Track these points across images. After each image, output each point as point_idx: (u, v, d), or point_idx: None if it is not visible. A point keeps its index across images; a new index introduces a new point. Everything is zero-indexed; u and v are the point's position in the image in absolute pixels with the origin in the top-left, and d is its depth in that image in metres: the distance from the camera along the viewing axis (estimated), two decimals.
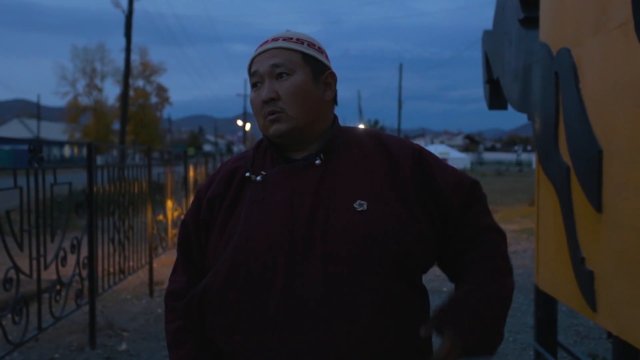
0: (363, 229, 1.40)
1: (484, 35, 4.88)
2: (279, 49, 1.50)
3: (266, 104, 1.48)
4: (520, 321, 5.51)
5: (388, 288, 1.40)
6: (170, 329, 1.54)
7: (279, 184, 1.47)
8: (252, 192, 1.48)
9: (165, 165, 8.09)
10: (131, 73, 29.57)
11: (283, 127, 1.47)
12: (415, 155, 1.53)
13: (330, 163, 1.49)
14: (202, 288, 1.46)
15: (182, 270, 1.58)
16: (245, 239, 1.42)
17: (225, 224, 1.48)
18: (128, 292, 6.82)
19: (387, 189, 1.46)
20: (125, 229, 6.01)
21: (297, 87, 1.48)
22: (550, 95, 3.33)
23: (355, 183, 1.46)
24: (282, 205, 1.43)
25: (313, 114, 1.50)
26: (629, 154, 2.51)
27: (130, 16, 23.63)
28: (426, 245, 1.47)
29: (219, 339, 1.45)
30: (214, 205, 1.52)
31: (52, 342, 4.94)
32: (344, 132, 1.58)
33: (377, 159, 1.51)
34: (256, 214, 1.45)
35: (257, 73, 1.51)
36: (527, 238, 10.60)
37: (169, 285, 1.60)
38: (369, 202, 1.43)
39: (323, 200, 1.43)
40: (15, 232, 3.85)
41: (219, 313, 1.44)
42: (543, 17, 3.54)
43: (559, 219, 3.24)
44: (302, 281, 1.37)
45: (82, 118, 44.63)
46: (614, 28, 2.63)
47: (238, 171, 1.55)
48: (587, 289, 2.89)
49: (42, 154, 4.15)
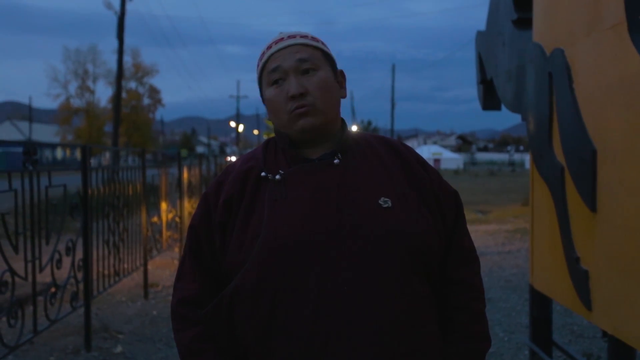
0: (391, 224, 1.43)
1: (477, 36, 4.90)
2: (302, 45, 1.51)
3: (294, 99, 1.46)
4: (515, 321, 5.53)
5: (412, 283, 1.44)
6: (185, 338, 1.48)
7: (300, 182, 1.46)
8: (272, 191, 1.46)
9: (159, 167, 8.07)
10: (123, 75, 29.47)
11: (314, 121, 1.47)
12: (420, 160, 1.59)
13: (349, 162, 1.51)
14: (232, 289, 1.43)
15: (193, 276, 1.53)
16: (273, 237, 1.41)
17: (247, 224, 1.46)
18: (123, 295, 6.80)
19: (407, 188, 1.50)
20: (120, 231, 5.99)
21: (326, 82, 1.50)
22: (544, 96, 3.36)
23: (377, 181, 1.49)
24: (307, 202, 1.43)
25: (335, 110, 1.54)
26: (623, 154, 2.53)
27: (123, 17, 23.56)
28: (441, 244, 1.53)
29: (251, 340, 1.43)
30: (231, 207, 1.49)
31: (47, 345, 4.92)
32: (351, 134, 1.60)
33: (391, 159, 1.55)
34: (281, 211, 1.43)
35: (280, 69, 1.49)
36: (521, 238, 10.64)
37: (177, 293, 1.54)
38: (392, 200, 1.46)
39: (347, 198, 1.44)
40: (10, 235, 3.84)
41: (251, 314, 1.42)
42: (536, 17, 3.57)
43: (554, 219, 3.26)
44: (336, 275, 1.38)
45: (74, 120, 44.44)
46: (607, 29, 2.65)
47: (252, 171, 1.52)
48: (581, 288, 2.91)
49: (36, 156, 4.14)
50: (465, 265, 1.58)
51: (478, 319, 1.57)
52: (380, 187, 1.48)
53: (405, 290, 1.43)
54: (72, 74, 43.70)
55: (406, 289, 1.43)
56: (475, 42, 4.96)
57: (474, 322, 1.55)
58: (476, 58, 4.95)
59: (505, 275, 7.54)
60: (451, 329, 1.55)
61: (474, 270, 1.60)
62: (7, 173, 3.89)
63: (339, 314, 1.37)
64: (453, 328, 1.54)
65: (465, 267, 1.58)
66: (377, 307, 1.39)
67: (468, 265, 1.59)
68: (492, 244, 10.20)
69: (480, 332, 1.56)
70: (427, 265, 1.49)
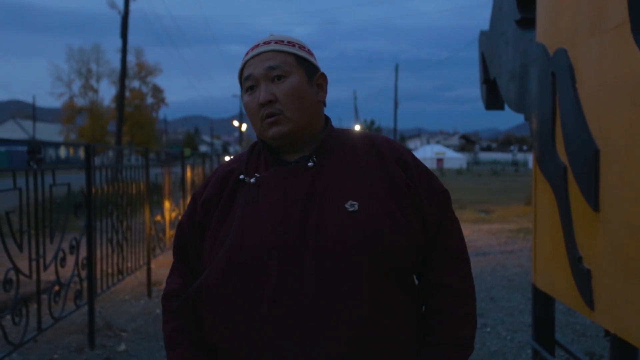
0: (354, 228, 1.41)
1: (481, 36, 4.91)
2: (273, 52, 1.51)
3: (263, 107, 1.48)
4: (517, 320, 5.54)
5: (379, 287, 1.41)
6: (167, 329, 1.56)
7: (272, 186, 1.48)
8: (246, 195, 1.50)
9: (162, 166, 8.09)
10: (127, 74, 29.51)
11: (283, 129, 1.48)
12: (403, 158, 1.55)
13: (323, 165, 1.50)
14: (197, 287, 1.48)
15: (179, 272, 1.61)
16: (239, 240, 1.44)
17: (220, 226, 1.50)
18: (126, 293, 6.82)
19: (380, 189, 1.48)
20: (124, 229, 6.01)
21: (294, 89, 1.49)
22: (547, 96, 3.36)
23: (348, 184, 1.47)
24: (275, 206, 1.45)
25: (309, 115, 1.52)
26: (625, 153, 2.54)
27: (126, 17, 23.59)
28: (418, 243, 1.48)
29: (214, 338, 1.47)
30: (209, 208, 1.54)
31: (51, 343, 4.94)
32: (338, 134, 1.59)
33: (369, 160, 1.53)
34: (250, 215, 1.46)
35: (252, 76, 1.51)
36: (524, 237, 10.63)
37: (166, 287, 1.62)
38: (360, 203, 1.44)
39: (315, 202, 1.44)
40: (15, 233, 3.85)
41: (213, 312, 1.46)
42: (540, 18, 3.57)
43: (557, 218, 3.26)
44: (294, 282, 1.38)
45: (77, 119, 44.53)
46: (611, 29, 2.65)
47: (233, 173, 1.56)
48: (584, 287, 2.91)
49: (41, 155, 4.16)
50: (448, 268, 1.53)
51: (459, 324, 1.51)
52: (351, 189, 1.46)
53: (368, 296, 1.39)
54: (75, 73, 43.86)
55: (370, 295, 1.40)
56: (478, 42, 4.96)
57: (453, 327, 1.50)
58: (479, 58, 4.95)
59: (508, 274, 7.54)
60: (428, 334, 1.51)
61: (459, 273, 1.54)
62: (11, 171, 3.91)
63: (293, 322, 1.37)
64: (430, 333, 1.51)
65: (448, 269, 1.53)
66: (336, 314, 1.37)
67: (452, 267, 1.54)
68: (495, 243, 10.20)
69: (460, 338, 1.50)
70: (399, 268, 1.45)
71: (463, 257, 1.57)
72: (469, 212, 15.36)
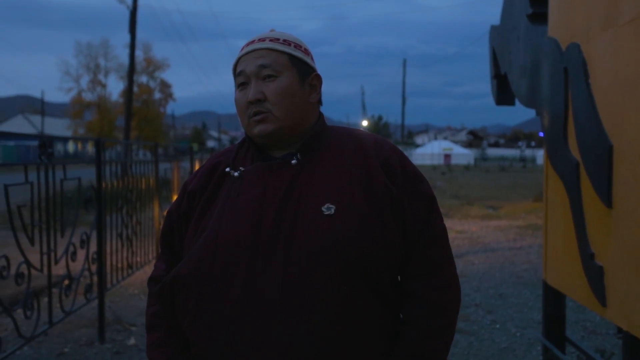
0: (326, 233, 1.39)
1: (491, 31, 4.88)
2: (266, 50, 1.50)
3: (252, 105, 1.48)
4: (527, 316, 5.52)
5: (348, 294, 1.38)
6: (149, 312, 1.59)
7: (253, 181, 1.48)
8: (229, 188, 1.50)
9: (171, 161, 8.12)
10: (135, 69, 29.57)
11: (268, 128, 1.47)
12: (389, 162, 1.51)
13: (307, 163, 1.49)
14: (172, 276, 1.49)
15: (164, 257, 1.63)
16: (214, 234, 1.44)
17: (201, 218, 1.51)
18: (136, 287, 6.84)
19: (359, 192, 1.44)
20: (133, 224, 6.03)
21: (284, 89, 1.48)
22: (560, 91, 3.34)
23: (328, 186, 1.45)
24: (252, 203, 1.44)
25: (298, 116, 1.50)
26: (639, 149, 2.52)
27: (135, 12, 23.63)
28: (395, 251, 1.44)
29: (184, 327, 1.49)
30: (194, 199, 1.55)
31: (61, 337, 4.97)
32: (329, 132, 1.57)
33: (354, 161, 1.50)
34: (229, 210, 1.46)
35: (244, 73, 1.50)
36: (532, 234, 10.60)
37: (153, 271, 1.64)
38: (337, 206, 1.41)
39: (293, 202, 1.43)
40: (26, 227, 3.88)
41: (184, 303, 1.47)
42: (552, 12, 3.55)
43: (568, 215, 3.25)
44: (261, 281, 1.38)
45: (85, 114, 44.73)
46: (625, 23, 2.63)
47: (219, 166, 1.57)
48: (596, 284, 2.90)
49: (52, 149, 4.17)
50: (425, 278, 1.47)
51: (429, 337, 1.45)
52: (330, 191, 1.44)
53: (333, 302, 1.36)
54: (84, 68, 44.02)
55: (336, 301, 1.36)
56: (489, 36, 4.93)
57: (422, 340, 1.44)
58: (490, 53, 4.92)
59: (517, 271, 7.52)
60: (397, 345, 1.47)
61: (437, 284, 1.47)
62: (23, 166, 3.93)
63: (256, 323, 1.37)
64: (399, 344, 1.46)
65: (425, 280, 1.47)
66: (298, 318, 1.35)
67: (429, 278, 1.47)
68: (504, 239, 10.17)
69: (430, 352, 1.44)
70: (371, 276, 1.41)
71: (445, 267, 1.50)
72: (477, 209, 15.31)
